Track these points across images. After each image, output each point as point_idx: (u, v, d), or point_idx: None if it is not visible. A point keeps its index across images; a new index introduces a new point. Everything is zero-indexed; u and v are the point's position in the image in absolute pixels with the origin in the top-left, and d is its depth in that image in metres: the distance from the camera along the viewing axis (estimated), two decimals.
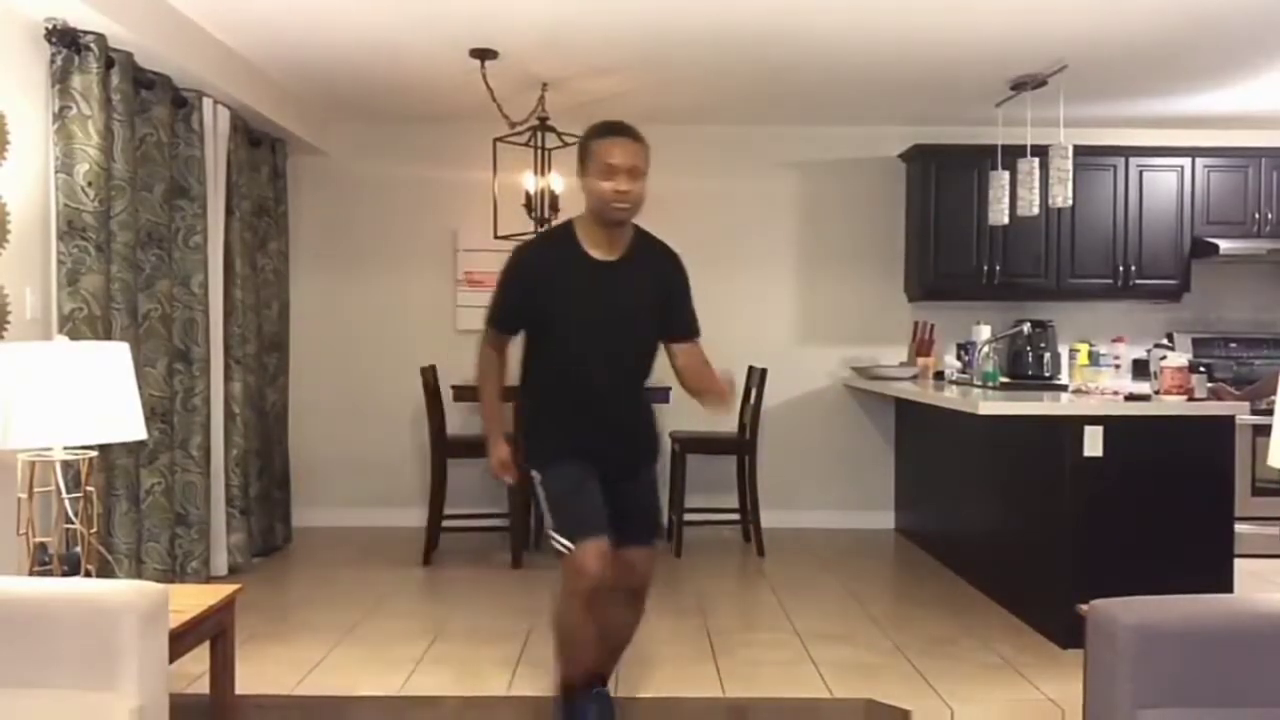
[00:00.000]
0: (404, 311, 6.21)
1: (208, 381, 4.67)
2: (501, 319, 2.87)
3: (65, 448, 2.67)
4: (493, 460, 2.92)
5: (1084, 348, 5.25)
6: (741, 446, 5.54)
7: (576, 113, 5.61)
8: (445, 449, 5.32)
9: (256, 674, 3.39)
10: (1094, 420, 3.83)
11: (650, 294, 2.83)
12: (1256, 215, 5.91)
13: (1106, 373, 4.97)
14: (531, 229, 5.33)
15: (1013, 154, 5.26)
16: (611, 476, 2.79)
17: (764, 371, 5.48)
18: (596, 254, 2.77)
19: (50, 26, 3.60)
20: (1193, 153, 5.93)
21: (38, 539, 2.67)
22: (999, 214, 5.39)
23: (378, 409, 6.17)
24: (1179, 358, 4.33)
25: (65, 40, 3.63)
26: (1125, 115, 5.80)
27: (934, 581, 4.93)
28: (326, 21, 4.33)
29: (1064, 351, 5.85)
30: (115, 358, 2.70)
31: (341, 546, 5.63)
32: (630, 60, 4.88)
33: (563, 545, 2.70)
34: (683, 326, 2.92)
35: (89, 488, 2.73)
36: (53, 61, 3.64)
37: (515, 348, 2.96)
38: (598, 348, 2.76)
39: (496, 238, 5.33)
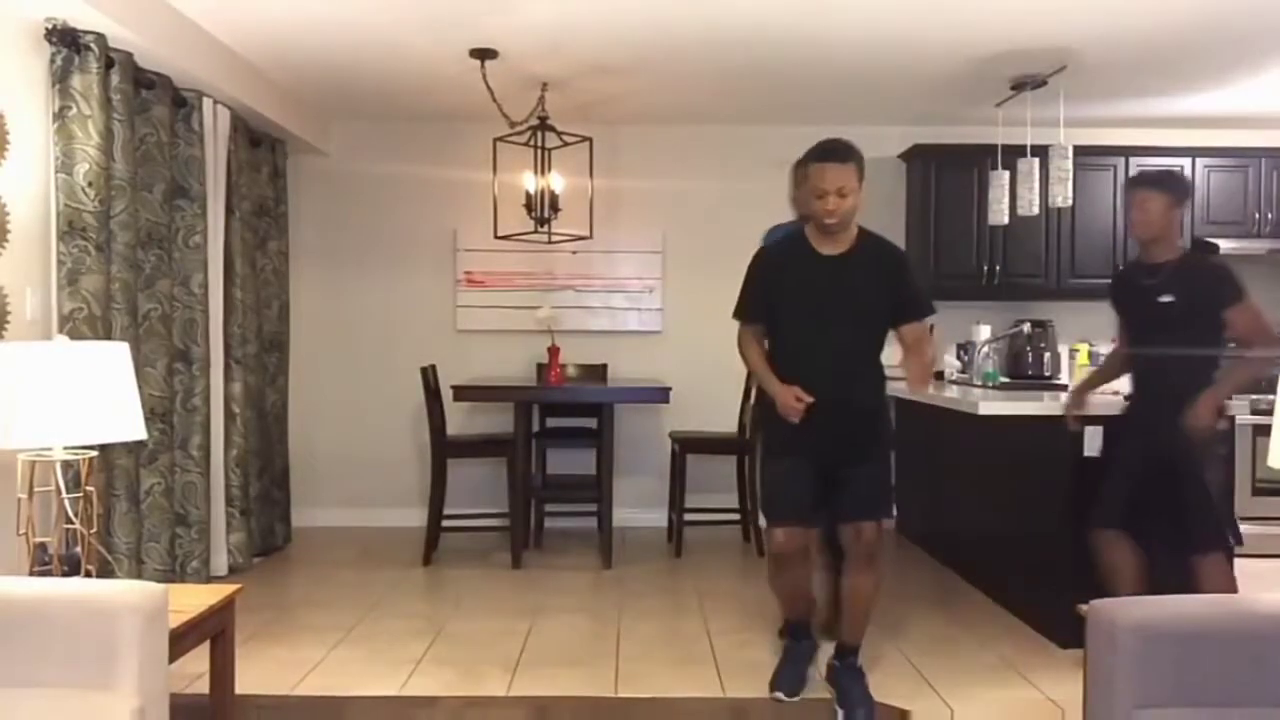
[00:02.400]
0: (404, 311, 6.21)
1: (208, 381, 4.67)
2: (745, 312, 3.29)
3: (65, 448, 2.67)
4: (782, 405, 3.11)
5: (1084, 348, 5.26)
6: (741, 446, 5.54)
7: (576, 113, 5.64)
8: (445, 449, 5.33)
9: (256, 674, 3.40)
10: (1094, 420, 3.82)
11: (872, 284, 3.14)
12: (1256, 215, 5.91)
13: None
14: (532, 229, 5.35)
15: (1013, 154, 5.26)
16: (834, 463, 3.14)
17: None
18: (823, 250, 3.14)
19: (50, 26, 3.60)
20: (1193, 153, 5.93)
21: (38, 539, 2.67)
22: (999, 214, 5.39)
23: (378, 409, 6.18)
24: None
25: (65, 40, 3.63)
26: (1125, 115, 5.80)
27: (934, 581, 4.93)
28: (326, 21, 4.33)
29: (1064, 351, 5.86)
30: (115, 358, 2.70)
31: (341, 546, 5.63)
32: (630, 60, 4.88)
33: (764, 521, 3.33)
34: (905, 311, 3.21)
35: (89, 488, 2.73)
36: (53, 61, 3.64)
37: None
38: (821, 334, 3.11)
39: (496, 238, 5.34)
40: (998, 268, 5.90)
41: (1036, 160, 5.12)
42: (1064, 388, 5.11)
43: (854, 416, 3.16)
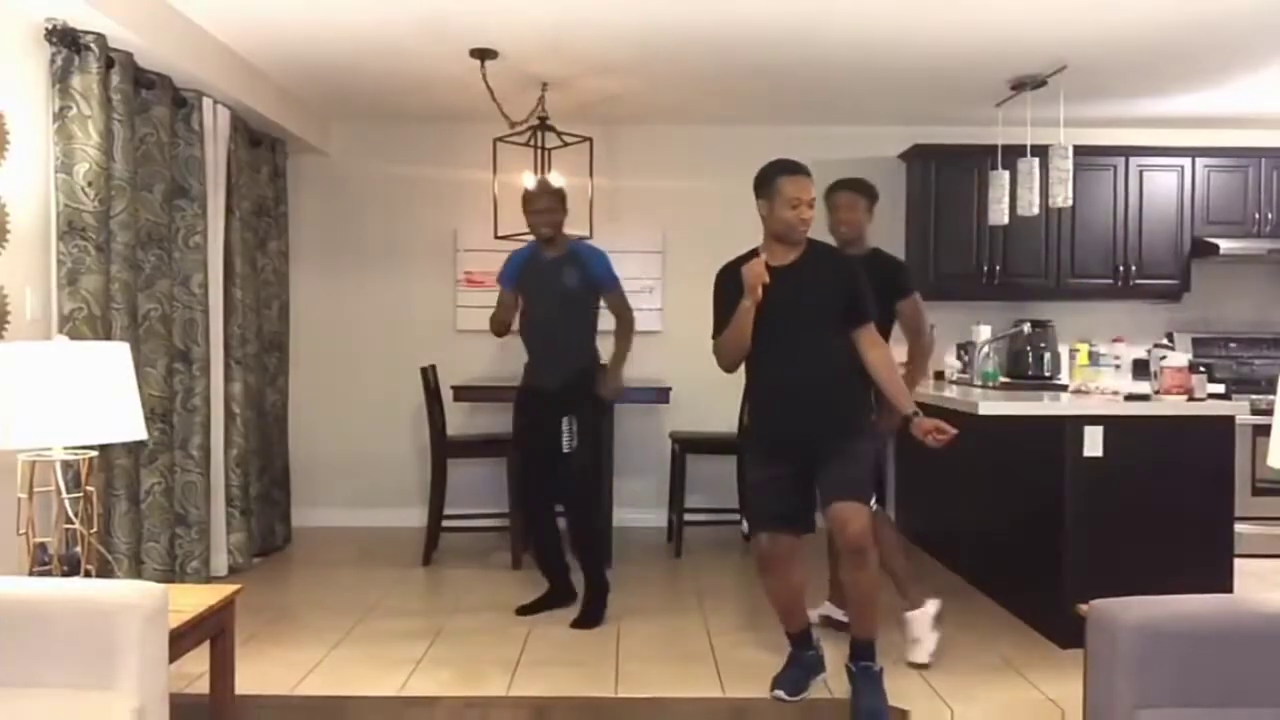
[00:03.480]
0: (404, 311, 6.21)
1: (208, 381, 4.67)
2: (719, 329, 3.40)
3: (65, 448, 2.67)
4: (748, 275, 3.20)
5: (1084, 348, 5.25)
6: (741, 447, 5.53)
7: (576, 113, 5.64)
8: (445, 449, 5.32)
9: (256, 674, 3.40)
10: (1094, 420, 3.82)
11: (826, 289, 3.28)
12: (1256, 215, 5.91)
13: (1106, 373, 4.98)
14: None
15: (1013, 154, 5.25)
16: (811, 454, 3.24)
17: None
18: (776, 262, 3.27)
19: (50, 26, 3.60)
20: (1193, 153, 5.93)
21: (38, 539, 2.67)
22: (999, 214, 5.38)
23: (378, 409, 6.17)
24: (1179, 358, 4.34)
25: (65, 40, 3.63)
26: (1125, 115, 5.80)
27: (934, 581, 4.91)
28: (327, 22, 4.33)
29: (1064, 351, 5.85)
30: (115, 358, 2.70)
31: (341, 546, 5.63)
32: (630, 60, 4.88)
33: (746, 527, 3.54)
34: (851, 315, 3.30)
35: (89, 488, 2.73)
36: (53, 61, 3.64)
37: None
38: (783, 339, 3.25)
39: (496, 238, 5.34)
40: (998, 268, 5.90)
41: (1036, 160, 5.12)
42: (1064, 388, 5.11)
43: (827, 412, 3.24)
